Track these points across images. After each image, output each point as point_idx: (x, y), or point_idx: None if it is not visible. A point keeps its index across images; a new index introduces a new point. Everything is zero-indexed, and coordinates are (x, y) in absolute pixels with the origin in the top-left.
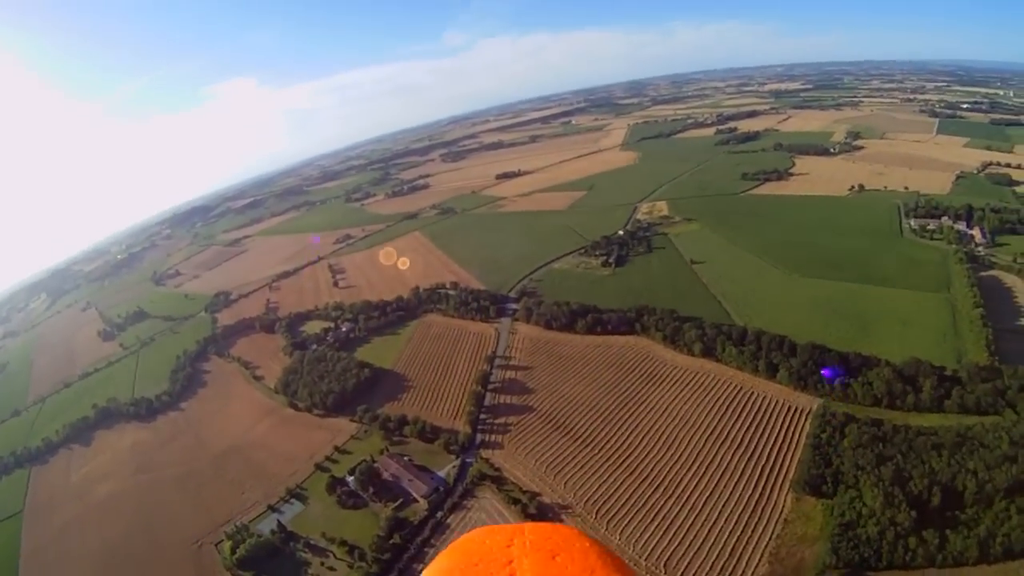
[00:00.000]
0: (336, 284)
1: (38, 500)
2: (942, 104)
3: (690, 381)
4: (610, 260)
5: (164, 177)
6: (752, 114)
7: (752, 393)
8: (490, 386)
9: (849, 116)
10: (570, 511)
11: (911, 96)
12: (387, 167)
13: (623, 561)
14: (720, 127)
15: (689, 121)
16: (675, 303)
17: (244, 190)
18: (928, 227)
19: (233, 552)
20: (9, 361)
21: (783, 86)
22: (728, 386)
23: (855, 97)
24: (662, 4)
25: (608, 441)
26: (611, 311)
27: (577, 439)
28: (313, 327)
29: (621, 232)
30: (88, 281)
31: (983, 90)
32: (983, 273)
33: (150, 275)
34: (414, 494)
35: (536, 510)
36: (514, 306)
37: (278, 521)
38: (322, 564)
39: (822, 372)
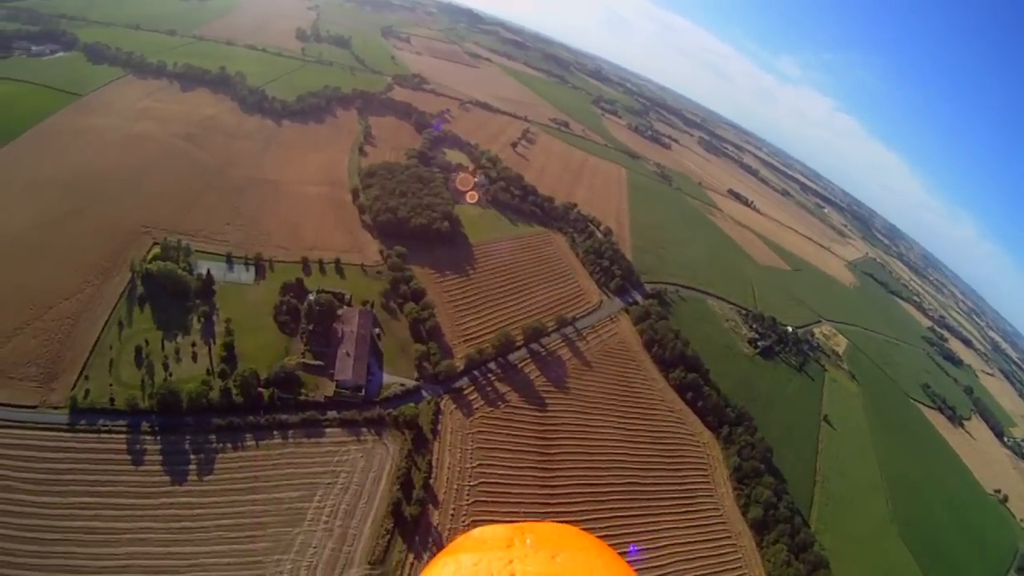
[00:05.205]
0: (514, 146)
1: (102, 95)
2: None
3: (715, 538)
4: (759, 343)
5: None
6: (967, 342)
7: None
8: (532, 346)
9: None
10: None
11: None
12: (650, 108)
13: (624, 561)
14: (936, 326)
15: (914, 297)
16: (777, 439)
17: (520, 31)
18: None
19: (150, 261)
20: None
21: (1006, 344)
22: None
23: None
24: (968, 191)
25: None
26: (715, 389)
27: (542, 480)
28: (454, 157)
29: (791, 329)
30: None
31: None
32: None
33: (386, 24)
34: (334, 371)
35: (413, 520)
36: (638, 297)
37: (209, 271)
38: (192, 346)
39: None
